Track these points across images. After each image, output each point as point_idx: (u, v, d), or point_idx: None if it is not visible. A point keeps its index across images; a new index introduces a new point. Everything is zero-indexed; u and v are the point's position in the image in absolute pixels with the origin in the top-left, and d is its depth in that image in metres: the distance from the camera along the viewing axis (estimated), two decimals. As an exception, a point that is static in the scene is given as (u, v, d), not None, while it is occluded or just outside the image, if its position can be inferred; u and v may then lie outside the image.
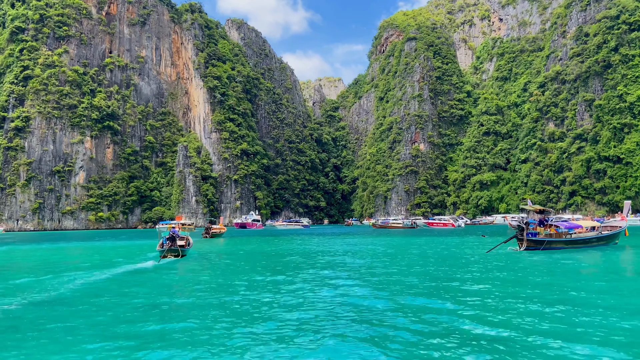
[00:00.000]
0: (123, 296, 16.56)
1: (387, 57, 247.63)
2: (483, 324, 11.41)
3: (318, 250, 38.01)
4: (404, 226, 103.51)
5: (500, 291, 15.68)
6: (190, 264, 29.06)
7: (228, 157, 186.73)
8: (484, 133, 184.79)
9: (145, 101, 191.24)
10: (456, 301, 14.31)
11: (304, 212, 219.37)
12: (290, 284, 18.29)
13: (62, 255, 37.95)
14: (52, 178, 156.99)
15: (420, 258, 26.70)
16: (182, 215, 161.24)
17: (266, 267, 25.66)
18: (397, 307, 13.64)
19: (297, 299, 15.13)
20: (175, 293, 17.65)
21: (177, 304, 15.41)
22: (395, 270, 21.36)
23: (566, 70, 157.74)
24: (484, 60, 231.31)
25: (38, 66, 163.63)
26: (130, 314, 13.64)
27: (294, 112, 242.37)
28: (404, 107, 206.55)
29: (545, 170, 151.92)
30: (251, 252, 38.50)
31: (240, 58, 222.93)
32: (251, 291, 16.94)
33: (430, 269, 21.47)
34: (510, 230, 76.14)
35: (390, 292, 16.00)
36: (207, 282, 20.07)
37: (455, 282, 17.36)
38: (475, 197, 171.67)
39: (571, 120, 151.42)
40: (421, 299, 14.79)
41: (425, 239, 49.52)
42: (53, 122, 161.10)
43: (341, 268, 23.12)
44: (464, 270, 20.40)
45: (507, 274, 19.62)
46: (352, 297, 15.25)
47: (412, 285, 17.12)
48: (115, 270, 24.74)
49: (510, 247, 29.27)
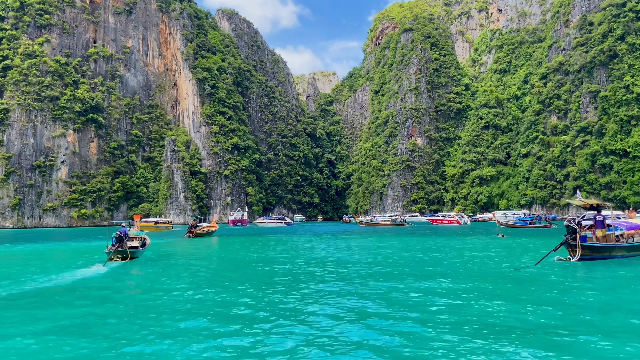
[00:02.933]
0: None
1: (383, 50, 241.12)
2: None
3: (278, 257, 31.42)
4: (392, 223, 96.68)
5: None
6: (128, 272, 22.69)
7: (218, 152, 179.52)
8: (483, 127, 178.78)
9: (131, 93, 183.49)
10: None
11: (298, 208, 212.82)
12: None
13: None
14: (32, 173, 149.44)
15: (455, 280, 16.61)
16: (139, 214, 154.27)
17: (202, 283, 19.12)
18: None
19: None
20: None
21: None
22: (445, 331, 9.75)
23: (569, 60, 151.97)
24: (482, 52, 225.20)
25: (18, 56, 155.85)
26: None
27: (287, 105, 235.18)
28: (400, 100, 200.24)
29: (547, 164, 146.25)
30: (209, 258, 31.91)
31: (231, 49, 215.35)
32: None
33: (491, 307, 11.98)
34: (498, 228, 69.67)
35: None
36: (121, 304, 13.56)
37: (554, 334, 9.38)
38: (474, 192, 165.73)
39: (575, 113, 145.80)
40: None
41: (435, 241, 42.51)
42: (33, 114, 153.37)
43: (326, 299, 16.51)
44: (538, 311, 11.50)
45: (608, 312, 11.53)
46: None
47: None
48: (30, 283, 18.16)
49: (558, 256, 21.77)
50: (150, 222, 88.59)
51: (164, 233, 75.84)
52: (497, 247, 33.04)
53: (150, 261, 27.86)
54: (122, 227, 28.57)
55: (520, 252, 29.19)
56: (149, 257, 30.39)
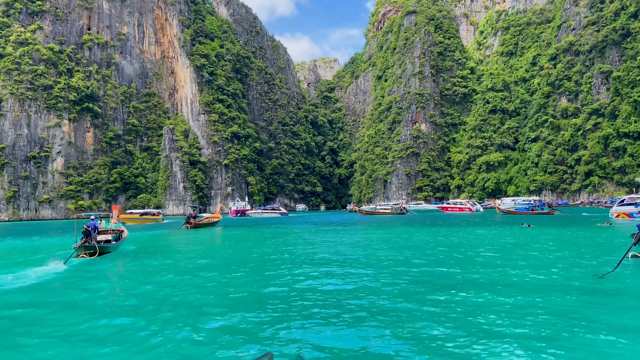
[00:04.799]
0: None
1: (385, 34, 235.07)
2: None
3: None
4: (392, 212, 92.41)
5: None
6: (86, 272, 18.75)
7: (218, 141, 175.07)
8: (490, 111, 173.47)
9: (127, 82, 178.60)
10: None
11: (300, 198, 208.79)
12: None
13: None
14: (27, 164, 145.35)
15: (538, 301, 10.87)
16: (117, 205, 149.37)
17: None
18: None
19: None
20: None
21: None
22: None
23: (580, 40, 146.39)
24: (487, 35, 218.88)
25: (10, 44, 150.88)
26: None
27: (287, 93, 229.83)
28: (403, 85, 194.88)
29: (558, 149, 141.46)
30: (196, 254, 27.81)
31: (230, 35, 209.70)
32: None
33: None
34: (499, 216, 65.71)
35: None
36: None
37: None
38: (481, 179, 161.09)
39: (586, 95, 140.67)
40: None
41: (454, 233, 37.96)
42: (27, 104, 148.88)
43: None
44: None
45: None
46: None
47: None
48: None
49: (633, 252, 17.06)
50: (135, 214, 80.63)
51: (153, 226, 67.92)
52: (538, 241, 28.69)
53: (123, 257, 23.98)
54: (91, 220, 25.19)
55: (568, 246, 24.24)
56: (126, 251, 26.61)
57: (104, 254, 24.02)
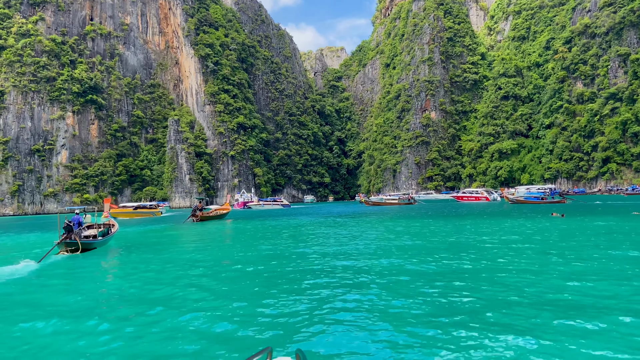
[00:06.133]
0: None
1: (393, 20, 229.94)
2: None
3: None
4: (400, 202, 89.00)
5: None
6: (58, 272, 16.25)
7: (223, 132, 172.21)
8: (502, 97, 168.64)
9: (131, 73, 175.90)
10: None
11: (308, 189, 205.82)
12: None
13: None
14: (31, 158, 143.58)
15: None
16: (109, 197, 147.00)
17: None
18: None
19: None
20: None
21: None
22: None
23: (596, 22, 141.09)
24: (498, 19, 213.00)
25: (11, 36, 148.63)
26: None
27: (294, 82, 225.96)
28: (412, 72, 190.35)
29: (573, 135, 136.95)
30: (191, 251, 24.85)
31: (234, 24, 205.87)
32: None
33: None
34: (507, 206, 62.72)
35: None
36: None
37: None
38: (493, 167, 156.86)
39: (603, 79, 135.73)
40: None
41: (478, 226, 34.21)
42: (30, 96, 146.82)
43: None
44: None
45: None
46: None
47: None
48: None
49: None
50: (128, 208, 74.37)
51: (151, 220, 60.70)
52: (590, 235, 25.31)
53: (108, 255, 21.32)
54: (75, 214, 23.47)
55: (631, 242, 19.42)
56: (116, 247, 24.30)
57: (88, 251, 22.22)
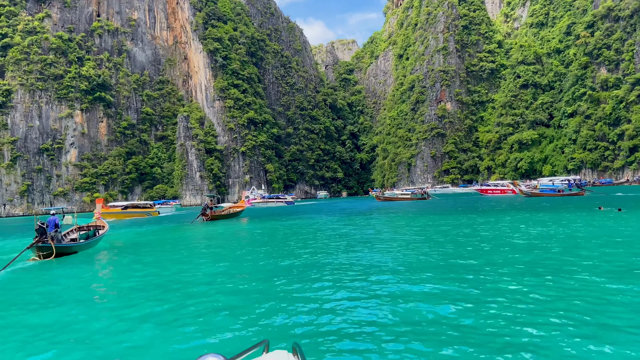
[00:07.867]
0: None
1: (406, 10, 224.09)
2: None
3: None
4: (412, 197, 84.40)
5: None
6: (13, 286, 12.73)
7: (234, 128, 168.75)
8: (521, 86, 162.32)
9: (140, 69, 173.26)
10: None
11: (321, 184, 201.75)
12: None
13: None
14: (40, 157, 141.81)
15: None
16: (105, 194, 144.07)
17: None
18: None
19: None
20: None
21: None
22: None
23: (620, 5, 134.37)
24: (515, 6, 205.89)
25: (18, 33, 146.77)
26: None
27: (304, 76, 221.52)
28: (427, 62, 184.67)
29: (597, 123, 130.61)
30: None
31: (243, 17, 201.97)
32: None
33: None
34: (521, 199, 57.85)
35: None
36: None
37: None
38: (513, 159, 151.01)
39: (628, 64, 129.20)
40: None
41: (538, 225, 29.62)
42: (37, 94, 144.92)
43: None
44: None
45: None
46: None
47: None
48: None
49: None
50: (117, 207, 66.04)
51: (146, 221, 50.60)
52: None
53: (88, 260, 18.26)
54: (51, 215, 20.26)
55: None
56: (105, 249, 22.23)
57: (65, 255, 20.00)
